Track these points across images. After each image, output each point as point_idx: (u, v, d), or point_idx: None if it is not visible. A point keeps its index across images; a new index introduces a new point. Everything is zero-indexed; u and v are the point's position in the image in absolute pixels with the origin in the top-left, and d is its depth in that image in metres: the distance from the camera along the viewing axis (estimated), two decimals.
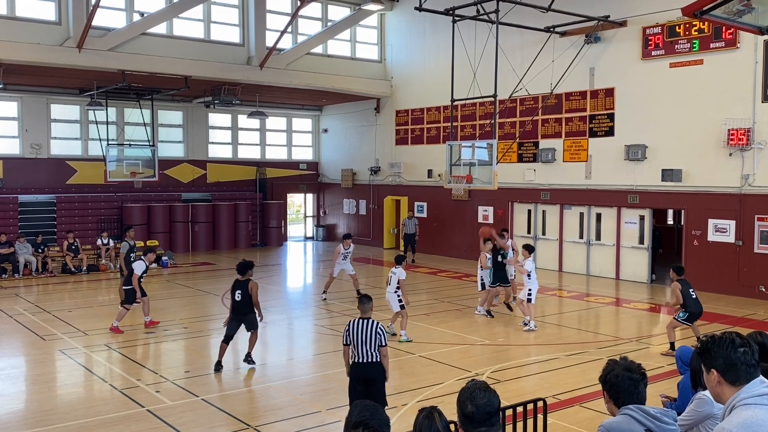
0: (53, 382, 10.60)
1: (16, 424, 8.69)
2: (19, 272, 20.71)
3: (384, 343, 7.62)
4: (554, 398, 9.29)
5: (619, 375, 3.63)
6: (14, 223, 23.81)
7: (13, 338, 13.29)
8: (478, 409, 3.34)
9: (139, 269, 13.59)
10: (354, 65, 27.15)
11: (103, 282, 20.48)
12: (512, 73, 19.83)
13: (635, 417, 3.55)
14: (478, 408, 3.34)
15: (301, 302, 18.05)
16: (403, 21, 27.19)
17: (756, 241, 17.10)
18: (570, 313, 15.87)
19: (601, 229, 20.82)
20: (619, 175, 19.88)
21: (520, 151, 22.71)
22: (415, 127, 26.85)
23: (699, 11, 5.85)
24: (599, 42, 20.12)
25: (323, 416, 8.92)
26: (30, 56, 19.94)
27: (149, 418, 8.75)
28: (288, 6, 25.75)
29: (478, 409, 3.34)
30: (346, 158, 30.43)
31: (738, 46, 17.10)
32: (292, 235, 32.51)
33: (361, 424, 3.27)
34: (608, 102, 20.17)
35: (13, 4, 20.32)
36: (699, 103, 17.95)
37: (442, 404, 3.88)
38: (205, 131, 29.19)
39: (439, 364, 11.22)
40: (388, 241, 28.30)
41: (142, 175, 25.15)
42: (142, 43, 21.96)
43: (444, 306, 16.34)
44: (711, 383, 3.33)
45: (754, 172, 17.03)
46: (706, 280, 17.82)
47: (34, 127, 24.94)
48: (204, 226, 27.28)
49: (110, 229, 24.29)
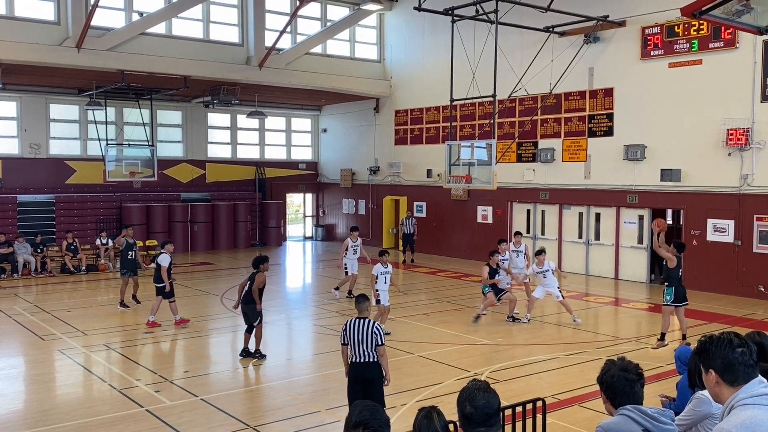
0: (52, 382, 10.60)
1: (16, 424, 8.69)
2: (18, 272, 20.71)
3: (381, 343, 7.60)
4: (553, 398, 9.30)
5: (615, 375, 3.63)
6: (13, 223, 23.81)
7: (12, 338, 13.29)
8: (476, 410, 3.35)
9: (165, 262, 13.78)
10: (353, 65, 27.16)
11: (102, 282, 20.48)
12: (511, 73, 19.84)
13: (633, 417, 3.55)
14: (476, 409, 3.35)
15: (301, 302, 18.06)
16: (402, 21, 27.20)
17: (755, 240, 17.11)
18: (569, 313, 15.85)
19: (600, 228, 20.84)
20: (618, 175, 19.89)
21: (519, 151, 22.72)
22: (414, 127, 26.85)
23: (698, 11, 5.85)
24: (598, 42, 20.13)
25: (322, 416, 8.92)
26: (29, 56, 19.93)
27: (148, 418, 8.75)
28: (287, 6, 25.75)
29: (477, 410, 3.35)
30: (346, 158, 30.43)
31: (737, 46, 17.11)
32: (291, 234, 32.52)
33: (361, 424, 3.27)
34: (607, 102, 20.18)
35: (12, 4, 20.30)
36: (698, 103, 17.96)
37: (442, 404, 3.88)
38: (204, 131, 29.19)
39: (438, 364, 11.22)
40: (387, 240, 28.30)
41: (141, 175, 25.14)
42: (141, 43, 21.96)
43: (443, 306, 16.35)
44: (709, 383, 3.34)
45: (753, 172, 17.04)
46: (705, 279, 17.85)
47: (33, 126, 24.93)
48: (203, 226, 27.29)
49: (109, 229, 24.29)
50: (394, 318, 14.58)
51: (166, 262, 13.79)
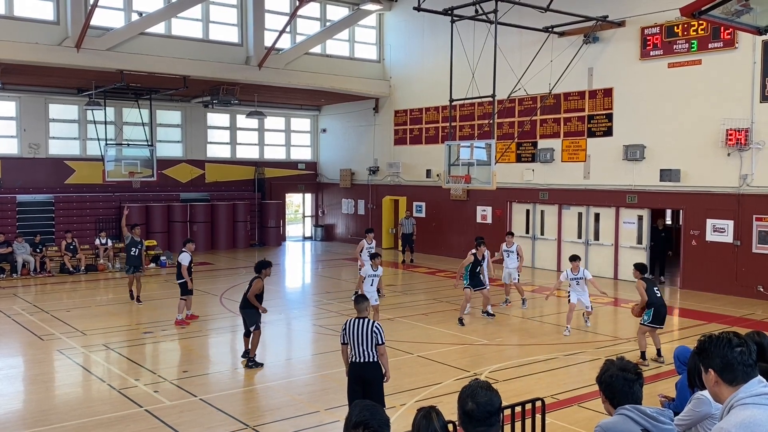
0: (51, 382, 10.60)
1: (15, 424, 8.68)
2: (18, 272, 20.70)
3: (381, 342, 7.63)
4: (552, 398, 9.30)
5: (614, 375, 3.63)
6: (12, 223, 23.79)
7: (11, 338, 13.28)
8: (478, 407, 3.33)
9: (186, 260, 14.16)
10: (352, 65, 27.15)
11: (102, 282, 20.47)
12: (511, 73, 19.83)
13: (632, 417, 3.55)
14: (478, 405, 3.33)
15: (300, 302, 18.06)
16: (402, 21, 27.19)
17: (754, 241, 17.11)
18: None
19: (600, 229, 20.84)
20: (617, 175, 19.89)
21: (518, 151, 22.72)
22: (413, 127, 26.85)
23: (697, 11, 5.85)
24: (598, 42, 20.13)
25: (321, 416, 8.92)
26: (28, 56, 19.92)
27: (147, 418, 8.74)
28: (287, 6, 25.74)
29: (479, 407, 3.33)
30: (345, 158, 30.43)
31: (736, 46, 17.12)
32: (290, 235, 32.51)
33: (362, 424, 3.27)
34: (607, 102, 20.18)
35: (11, 4, 20.29)
36: (697, 104, 17.96)
37: (441, 404, 3.88)
38: (203, 131, 29.18)
39: (437, 364, 11.22)
40: (387, 241, 28.30)
41: (141, 175, 25.13)
42: (141, 43, 21.95)
43: (442, 306, 16.35)
44: (709, 383, 3.34)
45: (752, 172, 17.04)
46: (704, 280, 17.87)
47: (32, 126, 24.92)
48: (202, 226, 27.26)
49: (108, 229, 24.27)
50: (394, 318, 14.59)
51: (187, 261, 14.21)
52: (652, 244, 19.77)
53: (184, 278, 14.14)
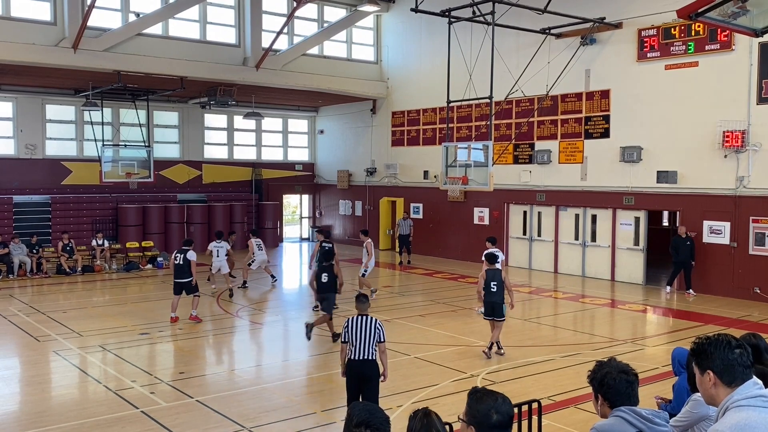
0: (47, 384, 10.57)
1: (11, 425, 8.66)
2: (14, 273, 20.65)
3: (382, 339, 7.73)
4: (549, 399, 9.30)
5: (617, 378, 3.62)
6: (9, 224, 23.76)
7: (7, 339, 13.24)
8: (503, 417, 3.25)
9: (194, 257, 14.73)
10: (350, 66, 27.15)
11: (98, 283, 20.43)
12: (508, 75, 19.84)
13: (627, 419, 3.54)
14: (503, 415, 3.25)
15: (296, 303, 18.03)
16: (399, 22, 27.20)
17: (751, 242, 17.14)
18: (565, 315, 15.88)
19: (597, 230, 20.86)
20: (614, 176, 19.91)
21: (515, 152, 22.73)
22: (411, 129, 26.86)
23: (694, 13, 5.87)
24: (595, 44, 20.16)
25: (318, 417, 8.91)
26: (25, 56, 19.88)
27: (144, 420, 8.72)
28: (284, 7, 25.73)
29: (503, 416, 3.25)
30: (342, 159, 30.42)
31: (733, 48, 17.16)
32: (287, 236, 32.48)
33: (363, 423, 3.28)
34: (603, 104, 20.20)
35: (8, 4, 20.25)
36: (694, 105, 17.99)
37: (438, 406, 3.87)
38: (200, 132, 29.15)
39: (434, 366, 11.21)
40: (384, 242, 28.30)
41: (138, 176, 25.09)
42: (138, 44, 21.91)
43: (439, 307, 16.33)
44: (705, 385, 3.33)
45: (749, 173, 17.07)
46: (701, 281, 17.88)
47: (29, 127, 24.87)
48: (199, 227, 27.21)
49: (105, 230, 24.23)
50: (391, 319, 14.58)
51: (194, 257, 14.71)
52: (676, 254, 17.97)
53: (193, 276, 14.53)
